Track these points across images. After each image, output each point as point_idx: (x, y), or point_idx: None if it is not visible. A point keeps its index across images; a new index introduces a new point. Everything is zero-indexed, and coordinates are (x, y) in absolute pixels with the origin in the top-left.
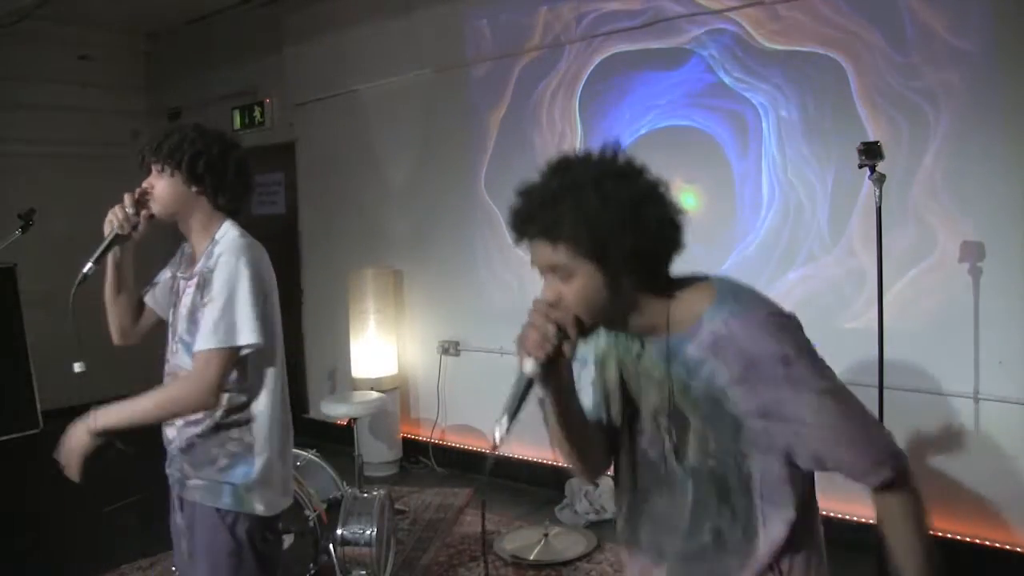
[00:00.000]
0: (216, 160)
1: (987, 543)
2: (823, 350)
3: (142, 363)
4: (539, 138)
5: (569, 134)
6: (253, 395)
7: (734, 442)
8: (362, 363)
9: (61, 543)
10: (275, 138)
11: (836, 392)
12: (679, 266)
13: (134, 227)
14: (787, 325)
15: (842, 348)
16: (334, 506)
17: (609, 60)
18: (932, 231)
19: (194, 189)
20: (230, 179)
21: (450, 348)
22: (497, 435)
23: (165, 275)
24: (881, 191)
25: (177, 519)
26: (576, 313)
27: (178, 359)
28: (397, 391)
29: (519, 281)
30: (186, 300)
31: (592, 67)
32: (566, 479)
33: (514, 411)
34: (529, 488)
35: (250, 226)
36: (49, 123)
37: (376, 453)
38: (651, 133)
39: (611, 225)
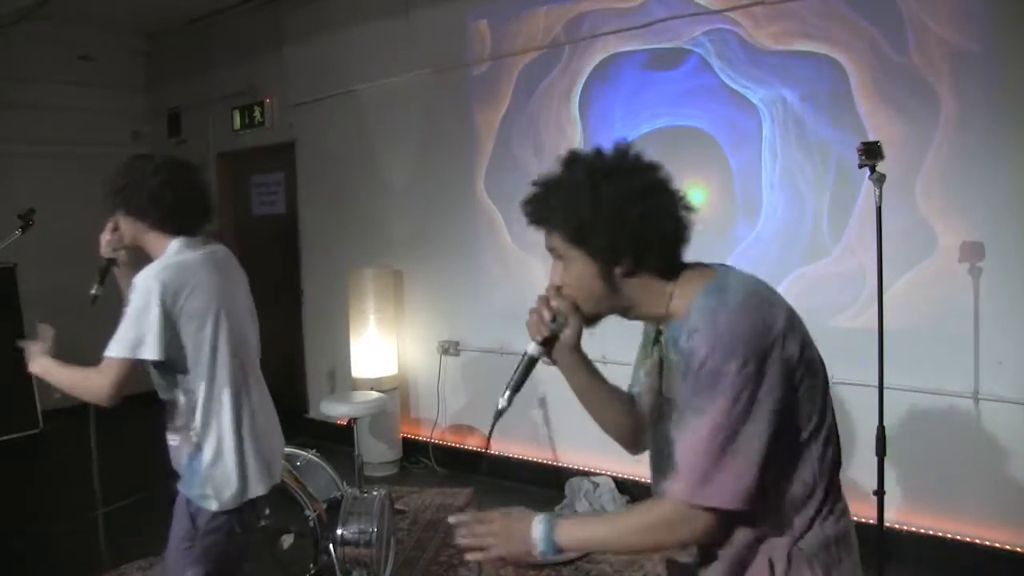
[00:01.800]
0: (148, 192)
1: (987, 543)
2: (823, 350)
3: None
4: (539, 138)
5: (569, 134)
6: (192, 399)
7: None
8: (362, 363)
9: (61, 543)
10: (275, 138)
11: (717, 423)
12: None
13: (114, 250)
14: (744, 342)
15: (842, 348)
16: (334, 506)
17: (609, 60)
18: (932, 231)
19: (140, 222)
20: (166, 205)
21: (450, 348)
22: (501, 402)
23: None
24: (881, 191)
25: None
26: (574, 299)
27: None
28: (397, 391)
29: (519, 281)
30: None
31: (592, 67)
32: (566, 479)
33: (516, 384)
34: (529, 488)
35: (250, 226)
36: (49, 123)
37: (376, 453)
38: (651, 133)
39: (594, 217)
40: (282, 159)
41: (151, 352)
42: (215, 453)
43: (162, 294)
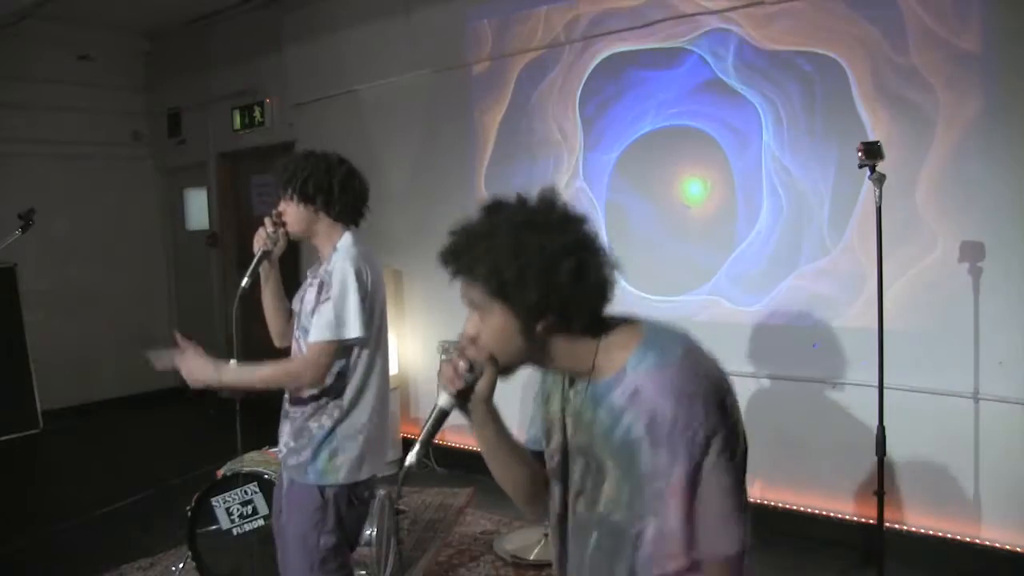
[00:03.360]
0: (323, 179)
1: (987, 543)
2: (824, 349)
3: (143, 364)
4: (539, 138)
5: (569, 134)
6: (349, 376)
7: (638, 497)
8: None
9: (61, 543)
10: (275, 138)
11: (697, 481)
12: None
13: (275, 243)
14: (697, 394)
15: (842, 348)
16: None
17: (609, 60)
18: (932, 231)
19: (311, 208)
20: (337, 194)
21: (450, 348)
22: (409, 459)
23: (304, 283)
24: (881, 191)
25: (279, 492)
26: (491, 351)
27: (298, 345)
28: (397, 391)
29: None
30: (308, 297)
31: (592, 67)
32: None
33: (426, 439)
34: None
35: (250, 226)
36: (49, 123)
37: None
38: (651, 133)
39: (520, 274)
40: (282, 159)
41: (354, 331)
42: (353, 430)
43: (358, 278)
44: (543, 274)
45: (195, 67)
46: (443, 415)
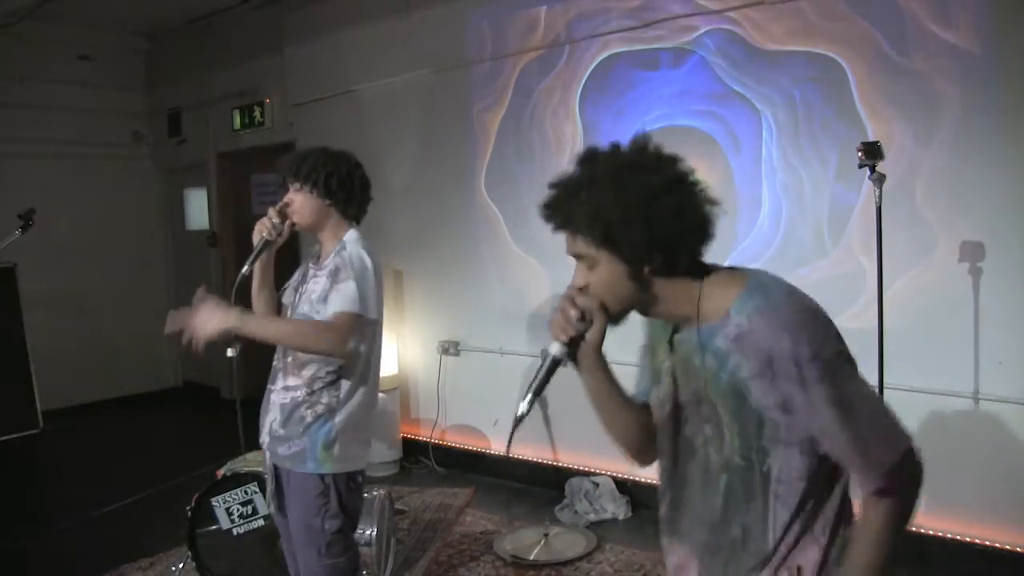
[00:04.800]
0: (345, 178)
1: (987, 543)
2: None
3: (144, 364)
4: (539, 138)
5: (569, 134)
6: (347, 370)
7: (757, 437)
8: None
9: (61, 543)
10: (275, 138)
11: (842, 400)
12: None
13: (279, 234)
14: (809, 324)
15: None
16: None
17: (609, 60)
18: (932, 231)
19: (327, 202)
20: (357, 193)
21: (450, 348)
22: (521, 408)
23: (296, 277)
24: (881, 191)
25: (268, 480)
26: (601, 299)
27: (288, 354)
28: (397, 391)
29: (519, 281)
30: (314, 286)
31: (592, 67)
32: (566, 479)
33: (538, 388)
34: (529, 488)
35: (250, 226)
36: (49, 123)
37: (376, 453)
38: (651, 133)
39: (623, 218)
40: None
41: (373, 312)
42: (352, 421)
43: (373, 267)
44: (646, 213)
45: (195, 67)
46: (555, 364)
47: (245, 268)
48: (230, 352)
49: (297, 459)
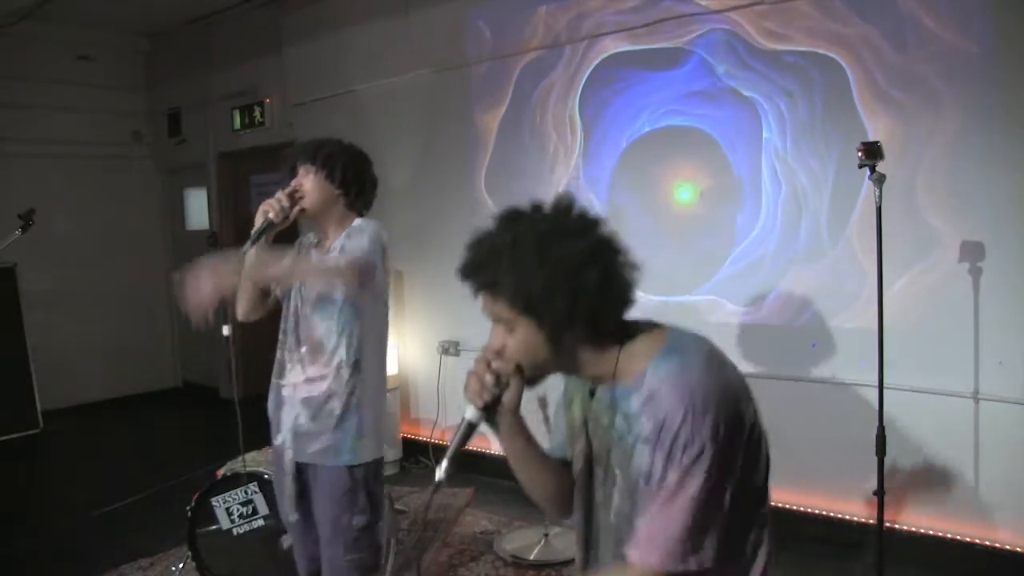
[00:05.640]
0: (360, 171)
1: (987, 543)
2: (823, 349)
3: (144, 364)
4: (539, 138)
5: (569, 134)
6: (363, 360)
7: (635, 504)
8: None
9: (61, 543)
10: (275, 138)
11: (691, 492)
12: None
13: (285, 216)
14: (712, 408)
15: (842, 348)
16: None
17: (609, 60)
18: (932, 231)
19: (338, 191)
20: (367, 189)
21: (450, 348)
22: (438, 475)
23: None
24: (881, 191)
25: (287, 482)
26: (517, 361)
27: (308, 324)
28: (397, 391)
29: None
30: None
31: (592, 67)
32: None
33: (454, 454)
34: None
35: (250, 226)
36: (49, 123)
37: None
38: (651, 133)
39: (547, 286)
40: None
41: (380, 271)
42: (373, 409)
43: (383, 242)
44: (570, 284)
45: (195, 67)
46: (471, 428)
47: (246, 246)
48: (225, 330)
49: (329, 453)
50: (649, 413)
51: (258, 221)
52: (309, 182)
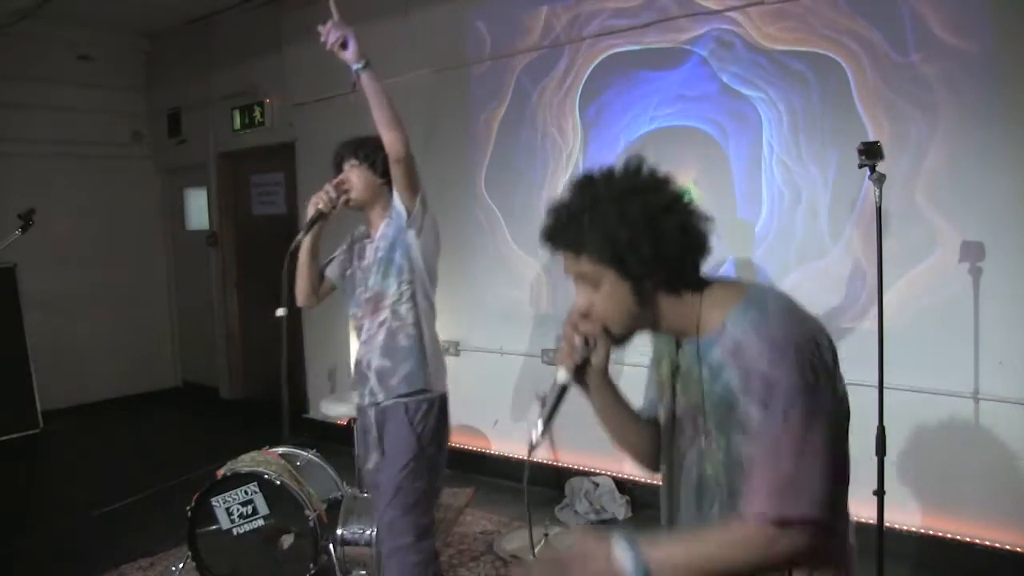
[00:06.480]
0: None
1: (987, 543)
2: None
3: (144, 364)
4: (539, 138)
5: (569, 134)
6: (420, 311)
7: (739, 451)
8: None
9: (61, 543)
10: (275, 138)
11: (796, 438)
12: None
13: (334, 207)
14: (797, 351)
15: (842, 348)
16: (334, 506)
17: (609, 60)
18: (932, 231)
19: (382, 181)
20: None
21: (450, 348)
22: (533, 437)
23: (339, 253)
24: (881, 191)
25: (372, 431)
26: (605, 321)
27: (366, 306)
28: None
29: (518, 281)
30: (369, 255)
31: (592, 67)
32: (566, 479)
33: (548, 417)
34: (529, 488)
35: (250, 225)
36: (49, 123)
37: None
38: (651, 133)
39: (631, 236)
40: (282, 159)
41: (426, 199)
42: (433, 343)
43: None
44: (651, 233)
45: (195, 67)
46: (563, 391)
47: (300, 236)
48: (280, 312)
49: (407, 380)
50: (735, 363)
51: (310, 212)
52: (355, 175)
